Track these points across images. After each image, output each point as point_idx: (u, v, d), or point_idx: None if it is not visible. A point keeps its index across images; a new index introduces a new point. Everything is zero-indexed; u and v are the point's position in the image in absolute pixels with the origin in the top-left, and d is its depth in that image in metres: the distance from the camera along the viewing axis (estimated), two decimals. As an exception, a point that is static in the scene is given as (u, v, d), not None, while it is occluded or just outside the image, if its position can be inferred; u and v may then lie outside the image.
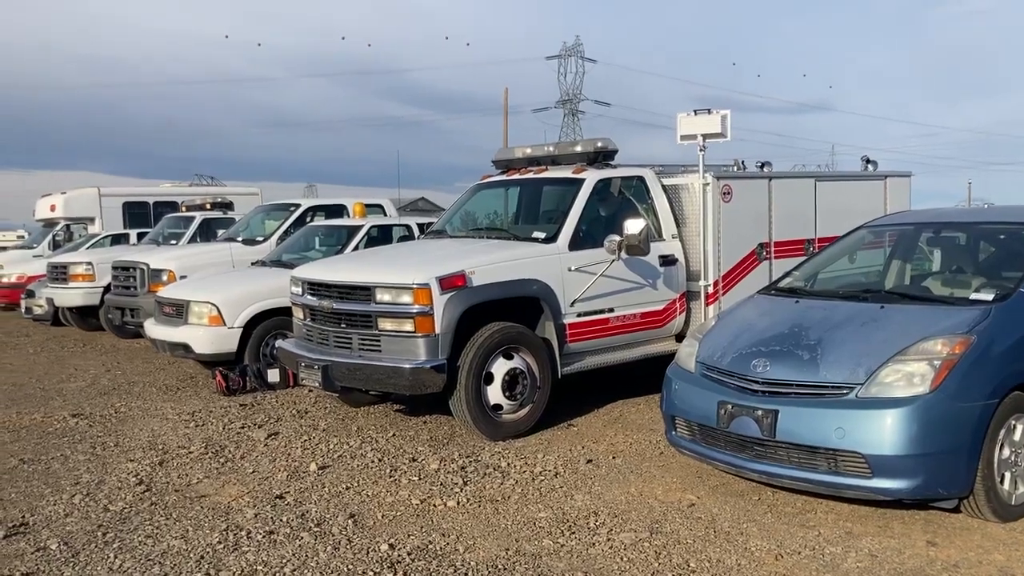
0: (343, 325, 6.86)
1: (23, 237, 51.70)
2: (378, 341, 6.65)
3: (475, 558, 4.43)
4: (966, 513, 4.78)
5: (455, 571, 4.27)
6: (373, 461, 6.19)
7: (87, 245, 16.97)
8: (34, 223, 22.90)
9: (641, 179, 8.00)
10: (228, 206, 15.57)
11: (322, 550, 4.54)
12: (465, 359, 6.56)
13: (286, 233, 11.75)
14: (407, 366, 6.43)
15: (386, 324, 6.59)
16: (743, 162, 9.04)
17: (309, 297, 7.19)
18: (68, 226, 19.97)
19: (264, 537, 4.73)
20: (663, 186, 8.08)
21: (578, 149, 8.02)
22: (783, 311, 5.64)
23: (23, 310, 15.65)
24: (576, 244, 7.26)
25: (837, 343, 4.99)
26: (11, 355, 11.98)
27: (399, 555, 4.47)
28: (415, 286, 6.47)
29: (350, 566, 4.33)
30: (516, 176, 8.36)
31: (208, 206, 15.03)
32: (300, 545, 4.61)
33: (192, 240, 13.88)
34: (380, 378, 6.66)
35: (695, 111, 8.09)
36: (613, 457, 6.25)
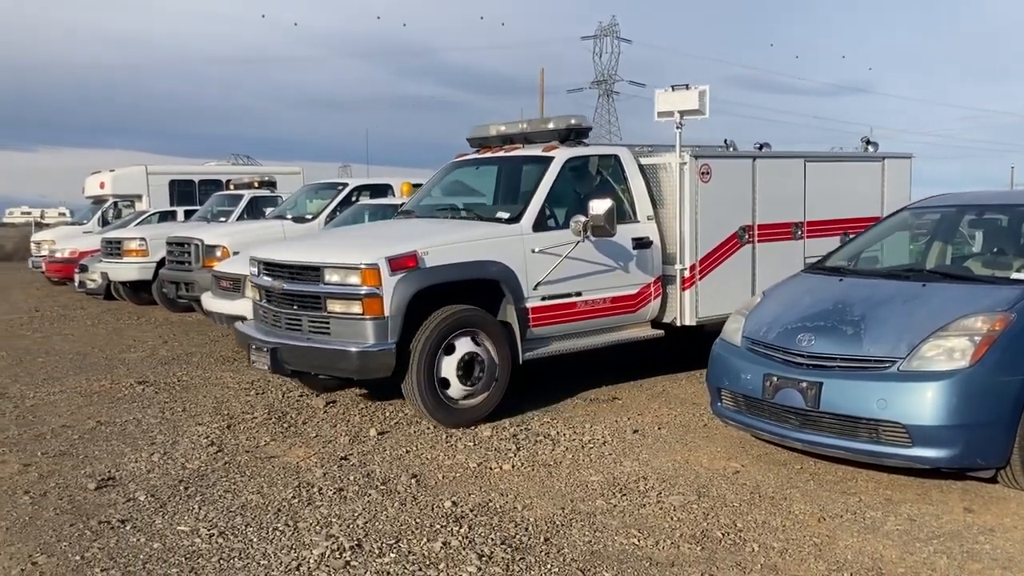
0: (295, 307, 6.66)
1: (64, 215, 52.80)
2: (327, 323, 6.44)
3: (534, 515, 4.72)
4: (1002, 483, 4.98)
5: (516, 526, 4.56)
6: (429, 428, 6.50)
7: (136, 222, 17.46)
8: (75, 200, 23.51)
9: (616, 158, 7.78)
10: (273, 184, 15.95)
11: (390, 505, 4.86)
12: (417, 343, 6.35)
13: (334, 212, 12.09)
14: (354, 349, 6.25)
15: (335, 306, 6.38)
16: (732, 142, 8.78)
17: (264, 278, 6.98)
18: (116, 203, 20.50)
19: (335, 493, 5.05)
20: (641, 166, 7.84)
21: (551, 126, 7.74)
22: (827, 289, 5.85)
23: (76, 284, 16.16)
24: (542, 225, 7.05)
25: (880, 319, 5.21)
26: (70, 326, 12.45)
27: (462, 511, 4.77)
28: (363, 266, 6.27)
29: (418, 519, 4.64)
30: (487, 154, 8.18)
31: (256, 184, 15.41)
32: (369, 501, 4.93)
33: (240, 217, 14.26)
34: (328, 362, 6.50)
35: (672, 87, 7.79)
36: (658, 428, 6.51)
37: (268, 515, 4.71)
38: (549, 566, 4.07)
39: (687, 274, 7.77)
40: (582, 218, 6.82)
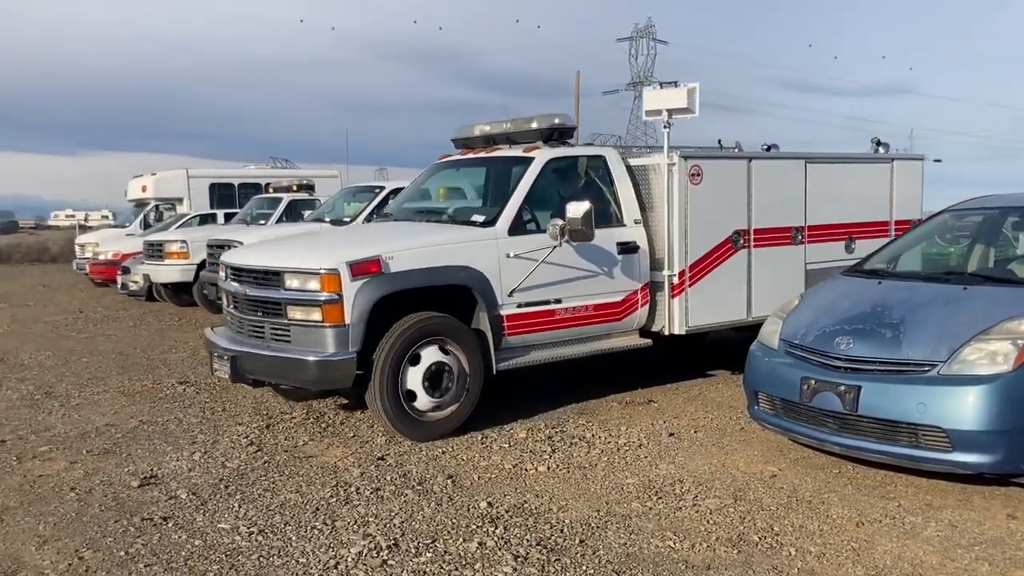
0: (259, 313, 6.39)
1: (107, 217, 53.71)
2: (288, 331, 6.18)
3: (569, 517, 4.73)
4: (1046, 489, 4.91)
5: (551, 528, 4.57)
6: (463, 428, 6.53)
7: (176, 225, 17.73)
8: (117, 204, 23.93)
9: (602, 159, 7.46)
10: (311, 188, 16.13)
11: (426, 505, 4.90)
12: (381, 352, 6.07)
13: (371, 215, 12.19)
14: (312, 359, 5.98)
15: (295, 313, 6.13)
16: (738, 143, 8.61)
17: (232, 283, 6.73)
18: (158, 206, 20.83)
19: (372, 493, 5.10)
20: (629, 167, 7.55)
21: (534, 126, 7.40)
22: (866, 291, 5.80)
23: (119, 286, 16.44)
24: (518, 228, 6.75)
25: (919, 322, 5.15)
26: (113, 327, 12.68)
27: (497, 512, 4.80)
28: (323, 271, 6.01)
29: (454, 520, 4.67)
30: (469, 156, 7.91)
31: (295, 187, 15.59)
32: (406, 501, 4.98)
33: (279, 220, 14.44)
34: (287, 371, 6.22)
35: (661, 84, 7.56)
36: (694, 431, 6.48)
37: (306, 514, 4.77)
38: (584, 567, 4.08)
39: (676, 280, 7.44)
40: (559, 221, 6.53)
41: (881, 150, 9.16)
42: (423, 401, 6.24)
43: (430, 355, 6.27)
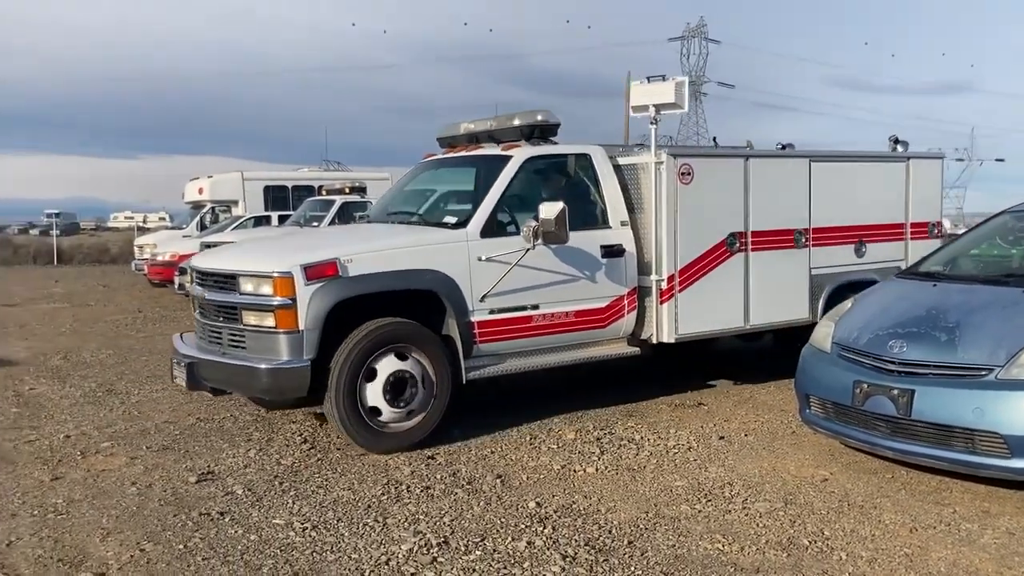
0: (219, 319, 6.18)
1: (164, 219, 54.83)
2: (243, 337, 5.96)
3: (617, 518, 4.75)
4: (1108, 498, 4.79)
5: (599, 529, 4.59)
6: (513, 430, 6.59)
7: (232, 226, 18.08)
8: (175, 206, 24.48)
9: (586, 157, 7.11)
10: (363, 190, 16.33)
11: (475, 504, 4.95)
12: (338, 360, 5.81)
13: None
14: (264, 367, 5.74)
15: (250, 318, 5.89)
16: (750, 143, 8.30)
17: (196, 287, 6.54)
18: (214, 208, 21.26)
19: (422, 491, 5.17)
20: (617, 167, 7.20)
21: (516, 123, 7.09)
22: (921, 294, 5.72)
23: (176, 286, 16.78)
24: (492, 230, 6.44)
25: (976, 326, 5.07)
26: (171, 327, 12.97)
27: (546, 512, 4.83)
28: (276, 275, 5.77)
29: (502, 519, 4.72)
30: (450, 155, 7.66)
31: (347, 190, 15.80)
32: (455, 499, 5.04)
33: (332, 222, 14.64)
34: (240, 379, 6.01)
35: (648, 78, 7.15)
36: (745, 435, 6.45)
37: (358, 511, 4.86)
38: (632, 568, 4.09)
39: (664, 286, 7.07)
40: (533, 223, 6.25)
41: (900, 148, 8.73)
42: (384, 411, 5.96)
43: (392, 363, 5.98)
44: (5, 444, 6.21)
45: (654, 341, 7.18)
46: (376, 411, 5.94)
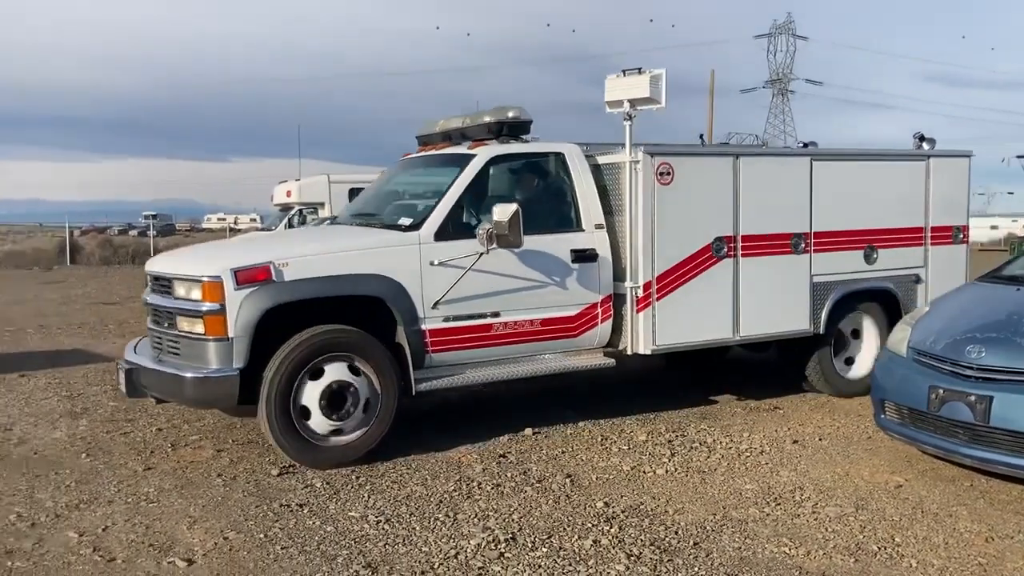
0: (163, 324, 5.96)
1: (255, 220, 56.38)
2: (178, 343, 5.75)
3: (684, 520, 4.78)
4: None
5: (666, 529, 4.64)
6: (584, 430, 6.66)
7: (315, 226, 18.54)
8: (264, 207, 25.22)
9: (559, 156, 6.71)
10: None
11: (544, 502, 5.05)
12: (270, 370, 5.55)
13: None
14: (189, 375, 5.55)
15: (183, 324, 5.67)
16: (755, 136, 8.05)
17: (150, 291, 6.27)
18: (302, 210, 21.84)
19: (492, 488, 5.30)
20: (596, 166, 6.80)
21: (486, 120, 6.71)
22: (1002, 298, 5.58)
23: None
24: (449, 233, 6.07)
25: (1060, 332, 4.93)
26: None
27: (613, 512, 4.90)
28: (205, 279, 5.53)
29: (570, 518, 4.80)
30: (421, 154, 7.32)
31: (428, 192, 16.06)
32: (525, 497, 5.14)
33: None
34: (171, 387, 5.76)
35: (624, 71, 6.68)
36: (819, 439, 6.39)
37: (430, 506, 5.01)
38: (696, 569, 4.13)
39: (640, 293, 6.60)
40: (487, 225, 5.90)
41: (925, 146, 8.13)
42: (321, 425, 5.68)
43: (332, 373, 5.70)
44: (102, 436, 6.58)
45: (628, 352, 6.76)
46: (308, 417, 5.68)
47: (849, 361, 7.89)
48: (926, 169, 7.98)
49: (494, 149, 6.55)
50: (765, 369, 8.60)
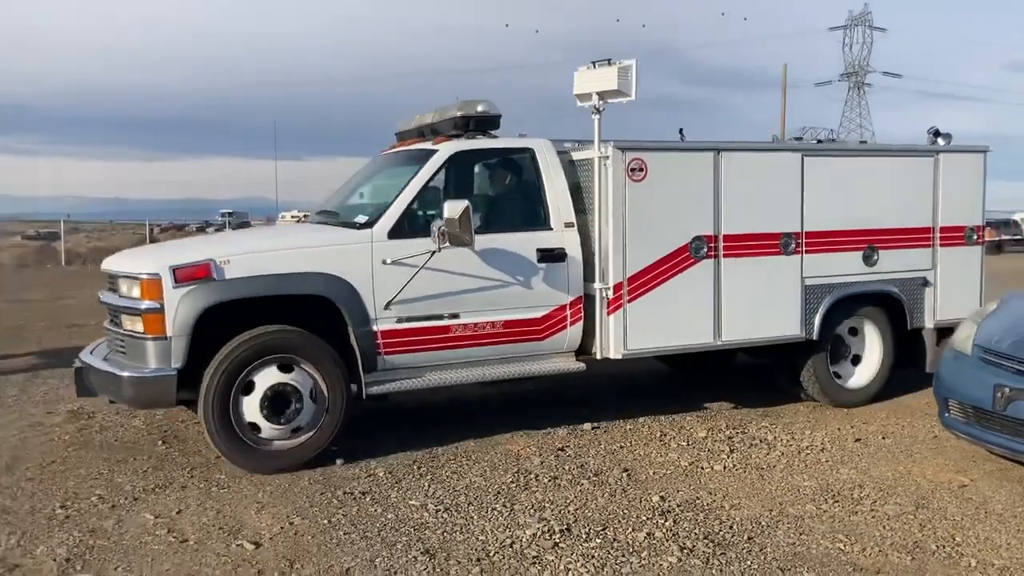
0: (114, 323, 5.88)
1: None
2: (124, 342, 5.65)
3: (740, 515, 4.80)
4: None
5: (721, 523, 4.66)
6: (644, 426, 6.70)
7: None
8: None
9: (528, 152, 6.45)
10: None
11: (600, 495, 5.12)
12: (210, 371, 5.43)
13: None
14: (125, 375, 5.46)
15: (127, 322, 5.57)
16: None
17: (106, 289, 6.17)
18: (370, 208, 22.22)
19: (550, 481, 5.38)
20: (571, 162, 6.54)
21: (455, 114, 6.44)
22: (1073, 296, 5.45)
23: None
24: (404, 231, 5.89)
25: None
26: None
27: (669, 506, 4.94)
28: (143, 276, 5.45)
29: (625, 510, 4.86)
30: (393, 150, 7.20)
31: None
32: (581, 490, 5.22)
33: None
34: (111, 387, 5.65)
35: (594, 63, 6.36)
36: (883, 437, 6.32)
37: (488, 496, 5.12)
38: (749, 563, 4.15)
39: (610, 295, 6.31)
40: (440, 222, 5.72)
41: (940, 141, 7.58)
42: (263, 428, 5.57)
43: (273, 375, 5.56)
44: (178, 425, 6.85)
45: (598, 356, 6.46)
46: (255, 427, 5.56)
47: (855, 361, 7.44)
48: (934, 165, 7.46)
49: (457, 145, 6.33)
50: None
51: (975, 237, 7.68)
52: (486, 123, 6.46)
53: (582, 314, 6.38)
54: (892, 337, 7.40)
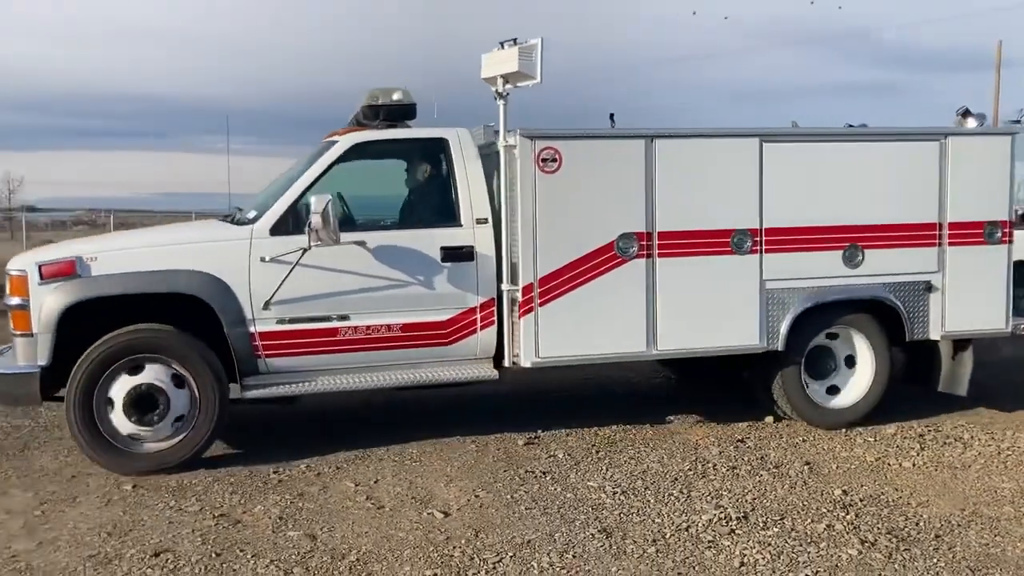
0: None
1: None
2: (11, 340, 5.60)
3: (928, 513, 4.65)
4: None
5: (906, 520, 4.54)
6: (829, 421, 6.55)
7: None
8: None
9: (441, 143, 5.96)
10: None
11: (779, 487, 5.10)
12: (76, 370, 5.29)
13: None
14: None
15: (9, 319, 5.52)
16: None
17: None
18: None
19: (728, 471, 5.41)
20: (493, 154, 5.94)
21: (365, 103, 5.99)
22: None
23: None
24: (288, 228, 5.58)
25: None
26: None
27: (851, 499, 4.86)
28: (13, 273, 5.42)
29: (805, 502, 4.83)
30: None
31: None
32: (759, 480, 5.21)
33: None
34: None
35: (501, 44, 5.79)
36: (1096, 442, 5.89)
37: (665, 482, 5.21)
38: (936, 560, 4.04)
39: (519, 296, 5.79)
40: (313, 219, 5.33)
41: (971, 122, 6.51)
42: (126, 428, 5.37)
43: (138, 376, 5.40)
44: (379, 402, 7.35)
45: (507, 364, 5.97)
46: (120, 428, 5.40)
47: (852, 366, 6.55)
48: (940, 151, 6.35)
49: (358, 136, 5.93)
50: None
51: (999, 235, 6.49)
52: (399, 113, 6.02)
53: (495, 318, 5.95)
54: (887, 350, 6.46)
